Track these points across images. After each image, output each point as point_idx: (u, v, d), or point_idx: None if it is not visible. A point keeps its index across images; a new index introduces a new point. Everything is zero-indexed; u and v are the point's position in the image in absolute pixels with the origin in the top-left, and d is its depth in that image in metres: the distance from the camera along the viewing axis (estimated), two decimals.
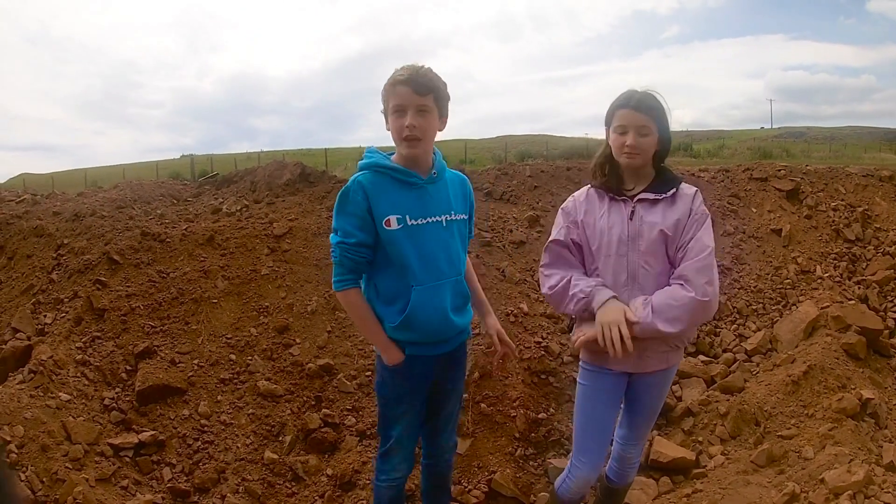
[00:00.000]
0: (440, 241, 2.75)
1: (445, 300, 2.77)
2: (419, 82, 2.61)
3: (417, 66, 2.66)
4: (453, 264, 2.80)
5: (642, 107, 2.74)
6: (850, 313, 5.60)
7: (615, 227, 2.81)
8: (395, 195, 2.69)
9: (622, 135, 2.77)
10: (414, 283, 2.69)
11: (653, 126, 2.75)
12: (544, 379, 5.09)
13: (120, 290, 5.31)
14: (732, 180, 8.20)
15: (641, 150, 2.76)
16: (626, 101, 2.77)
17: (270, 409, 4.69)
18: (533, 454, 4.57)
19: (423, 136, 2.67)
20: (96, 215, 6.49)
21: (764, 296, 6.44)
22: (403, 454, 3.01)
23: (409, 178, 2.71)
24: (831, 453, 3.98)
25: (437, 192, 2.79)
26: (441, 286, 2.75)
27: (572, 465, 3.06)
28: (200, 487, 4.16)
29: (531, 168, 8.45)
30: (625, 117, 2.76)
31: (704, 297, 2.63)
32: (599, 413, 2.97)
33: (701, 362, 5.53)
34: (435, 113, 2.69)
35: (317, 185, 6.88)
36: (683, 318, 2.66)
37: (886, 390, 5.13)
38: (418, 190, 2.73)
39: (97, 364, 4.71)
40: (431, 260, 2.72)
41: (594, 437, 2.99)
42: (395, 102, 2.64)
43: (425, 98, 2.63)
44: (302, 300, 5.53)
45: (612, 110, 2.83)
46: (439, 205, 2.78)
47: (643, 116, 2.74)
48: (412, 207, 2.70)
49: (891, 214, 7.53)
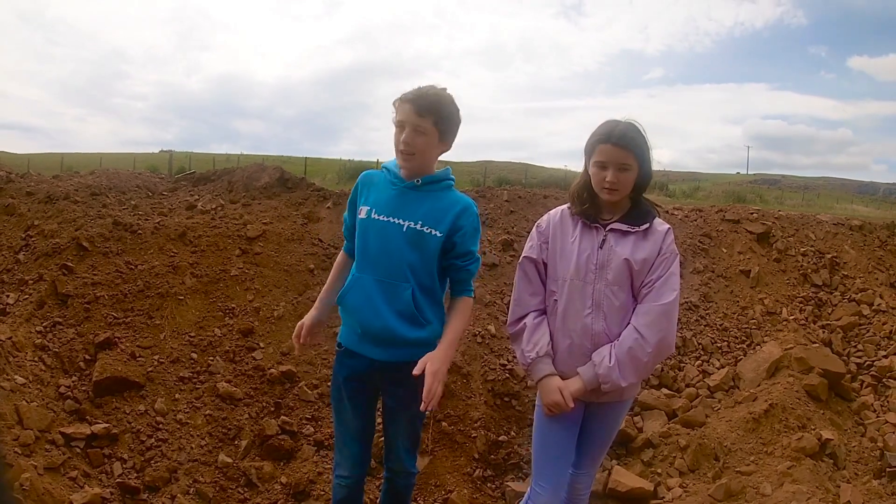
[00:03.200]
0: (390, 242, 2.80)
1: (378, 298, 2.80)
2: (420, 104, 2.72)
3: (428, 87, 2.79)
4: (398, 270, 2.80)
5: (623, 142, 2.71)
6: (814, 356, 5.66)
7: (584, 253, 2.81)
8: (377, 191, 2.89)
9: (602, 170, 2.75)
10: (356, 270, 2.87)
11: (633, 162, 2.74)
12: (507, 402, 5.07)
13: (86, 277, 5.22)
14: (705, 220, 8.28)
15: (621, 185, 2.76)
16: (608, 136, 2.73)
17: (228, 411, 4.62)
18: (491, 476, 4.55)
19: (417, 153, 2.77)
20: (69, 199, 6.39)
21: (729, 334, 6.49)
22: (347, 453, 3.03)
23: (394, 179, 2.87)
24: (789, 491, 4.02)
25: (415, 200, 2.83)
26: (376, 284, 2.80)
27: (532, 492, 3.01)
28: (151, 486, 4.07)
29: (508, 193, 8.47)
30: (606, 153, 2.73)
31: (659, 355, 2.80)
32: (558, 438, 2.95)
33: (664, 395, 5.55)
34: (434, 135, 2.78)
35: (294, 191, 6.83)
36: (641, 374, 2.88)
37: (846, 432, 5.18)
38: (396, 191, 2.85)
39: (56, 350, 4.63)
40: (373, 254, 2.82)
41: (553, 463, 2.97)
42: (398, 118, 2.78)
43: (424, 119, 2.72)
44: (269, 304, 5.47)
45: (592, 143, 2.80)
46: (409, 211, 2.82)
47: (624, 153, 2.72)
48: (384, 204, 2.85)
49: (858, 263, 7.64)
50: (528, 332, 2.88)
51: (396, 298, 2.81)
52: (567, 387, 2.76)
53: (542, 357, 2.82)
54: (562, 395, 2.75)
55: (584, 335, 2.79)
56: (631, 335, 2.73)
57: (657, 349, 2.73)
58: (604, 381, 2.72)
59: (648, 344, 2.70)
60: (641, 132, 2.78)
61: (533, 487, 3.01)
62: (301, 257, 6.01)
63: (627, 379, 2.73)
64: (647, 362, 2.76)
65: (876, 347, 6.39)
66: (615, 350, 2.73)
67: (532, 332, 2.87)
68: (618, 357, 2.71)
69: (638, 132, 2.76)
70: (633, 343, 2.70)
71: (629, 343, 2.71)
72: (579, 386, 2.76)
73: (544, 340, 2.84)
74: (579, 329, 2.79)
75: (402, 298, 2.81)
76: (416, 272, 2.83)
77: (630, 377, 2.73)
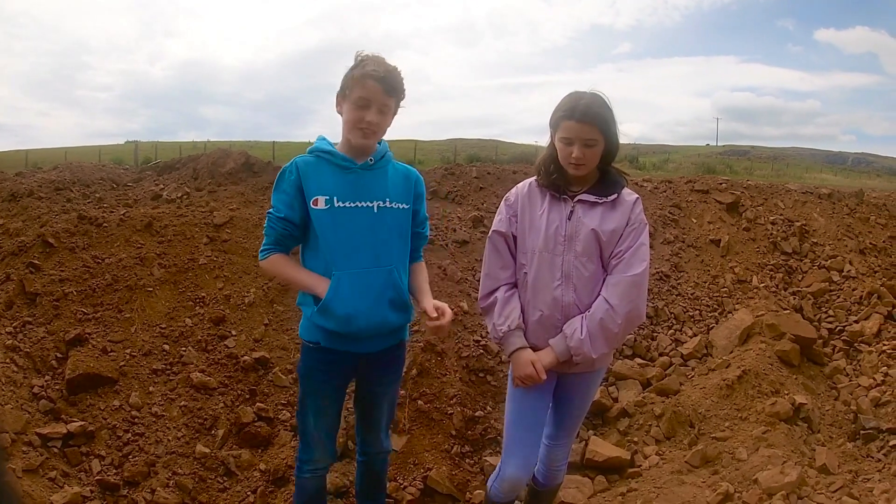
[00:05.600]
0: (367, 228, 2.73)
1: (370, 291, 2.73)
2: (391, 84, 2.69)
3: (388, 65, 2.71)
4: (382, 254, 2.76)
5: (588, 118, 2.68)
6: (785, 322, 5.73)
7: (553, 225, 2.81)
8: (327, 177, 2.72)
9: (568, 145, 2.73)
10: (335, 269, 2.69)
11: (599, 136, 2.72)
12: (482, 377, 5.09)
13: (53, 273, 5.14)
14: (675, 191, 8.33)
15: (588, 160, 2.74)
16: (571, 112, 2.70)
17: (203, 401, 4.58)
18: (469, 452, 4.56)
19: (379, 130, 2.74)
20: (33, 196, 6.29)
21: (701, 303, 6.55)
22: (323, 445, 2.99)
23: (343, 162, 2.74)
24: (765, 455, 4.06)
25: (373, 179, 2.79)
26: (364, 275, 2.72)
27: (502, 464, 3.03)
28: (130, 481, 4.03)
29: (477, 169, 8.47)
30: (570, 129, 2.71)
31: (629, 325, 2.81)
32: (531, 408, 2.97)
33: (637, 365, 5.59)
34: (392, 112, 2.79)
35: (261, 176, 6.77)
36: (612, 345, 2.86)
37: (819, 396, 5.27)
38: (352, 174, 2.75)
39: (27, 350, 4.55)
40: (354, 246, 2.71)
41: (524, 435, 2.98)
42: (361, 94, 2.66)
43: (391, 98, 2.72)
44: (239, 291, 5.43)
45: (557, 118, 2.77)
46: (372, 191, 2.77)
47: (589, 128, 2.69)
48: (342, 190, 2.72)
49: (828, 230, 7.72)
50: (500, 306, 2.87)
51: (386, 286, 2.77)
52: (539, 359, 2.77)
53: (513, 330, 2.83)
54: (534, 368, 2.76)
55: (554, 307, 2.79)
56: (602, 307, 2.73)
57: (627, 320, 2.75)
58: (575, 353, 2.73)
59: (619, 315, 2.71)
60: (606, 104, 2.75)
61: (503, 460, 3.04)
62: None
63: (598, 350, 2.74)
64: (618, 333, 2.77)
65: (846, 313, 6.48)
66: (586, 322, 2.73)
67: (503, 306, 2.87)
68: (589, 329, 2.72)
69: (602, 105, 2.74)
70: (604, 314, 2.71)
71: (600, 314, 2.72)
72: (551, 358, 2.77)
73: (515, 314, 2.85)
74: (549, 301, 2.79)
75: (390, 284, 2.78)
76: (396, 252, 2.83)
77: (601, 348, 2.75)
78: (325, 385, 2.90)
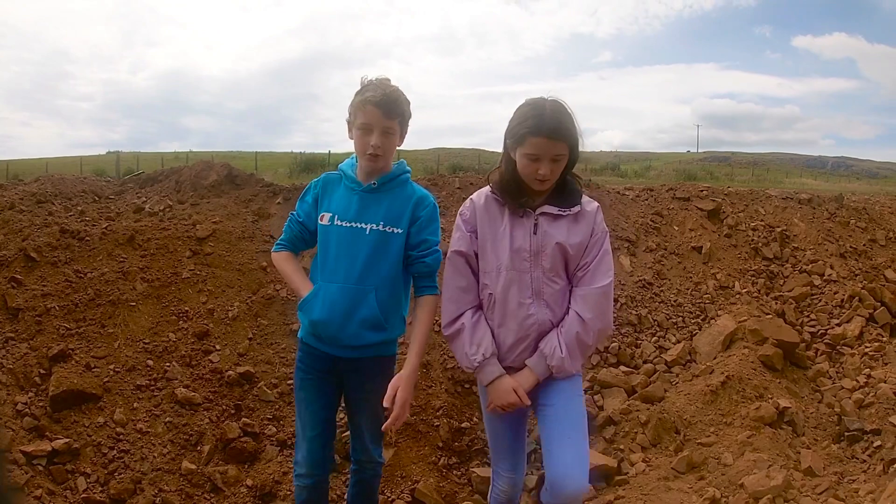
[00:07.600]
0: (354, 247, 2.83)
1: (339, 307, 2.82)
2: (390, 107, 2.76)
3: (388, 87, 2.79)
4: (366, 275, 2.82)
5: (557, 135, 2.57)
6: (767, 327, 5.77)
7: (517, 240, 2.71)
8: (338, 196, 2.92)
9: (534, 162, 2.60)
10: (319, 279, 2.87)
11: (566, 150, 2.62)
12: (467, 388, 5.10)
13: (35, 288, 5.08)
14: (656, 199, 8.36)
15: (554, 175, 2.64)
16: (538, 128, 2.56)
17: (188, 417, 4.56)
18: (456, 463, 4.57)
19: (384, 153, 2.82)
20: (14, 209, 6.20)
21: (684, 309, 6.58)
22: (307, 450, 3.00)
23: (351, 183, 2.91)
24: (750, 459, 4.09)
25: (374, 202, 2.88)
26: (340, 291, 2.82)
27: (494, 475, 3.06)
28: (116, 498, 4.02)
29: (460, 180, 8.46)
30: (539, 146, 2.58)
31: (601, 336, 2.85)
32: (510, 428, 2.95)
33: (622, 372, 5.61)
34: (398, 133, 2.85)
35: (243, 188, 6.72)
36: (587, 355, 3.08)
37: (803, 399, 5.30)
38: (356, 196, 2.88)
39: (10, 366, 4.50)
40: (336, 262, 2.84)
41: (508, 443, 2.98)
42: (364, 120, 2.76)
43: (392, 121, 2.78)
44: (223, 305, 5.40)
45: (521, 133, 2.61)
46: (370, 213, 2.86)
47: (557, 144, 2.58)
48: (345, 210, 2.88)
49: (808, 235, 7.79)
50: (469, 333, 2.75)
51: (362, 305, 2.82)
52: (520, 385, 2.71)
53: (488, 359, 2.73)
54: (517, 395, 2.70)
55: (528, 326, 2.72)
56: (575, 321, 2.69)
57: (600, 332, 2.75)
58: (557, 371, 2.70)
59: (593, 328, 2.69)
60: (569, 112, 2.64)
61: (493, 471, 3.06)
62: (253, 255, 5.92)
63: (576, 364, 2.74)
64: (592, 345, 2.79)
65: (828, 316, 6.56)
66: (562, 339, 2.69)
67: (472, 333, 2.75)
68: (567, 346, 2.68)
69: (566, 115, 2.63)
70: (580, 328, 2.68)
71: (576, 329, 2.68)
72: (532, 381, 2.72)
73: (487, 340, 2.74)
74: (521, 320, 2.72)
75: (367, 304, 2.83)
76: (380, 275, 2.85)
77: (578, 361, 2.76)
78: (305, 380, 3.01)
